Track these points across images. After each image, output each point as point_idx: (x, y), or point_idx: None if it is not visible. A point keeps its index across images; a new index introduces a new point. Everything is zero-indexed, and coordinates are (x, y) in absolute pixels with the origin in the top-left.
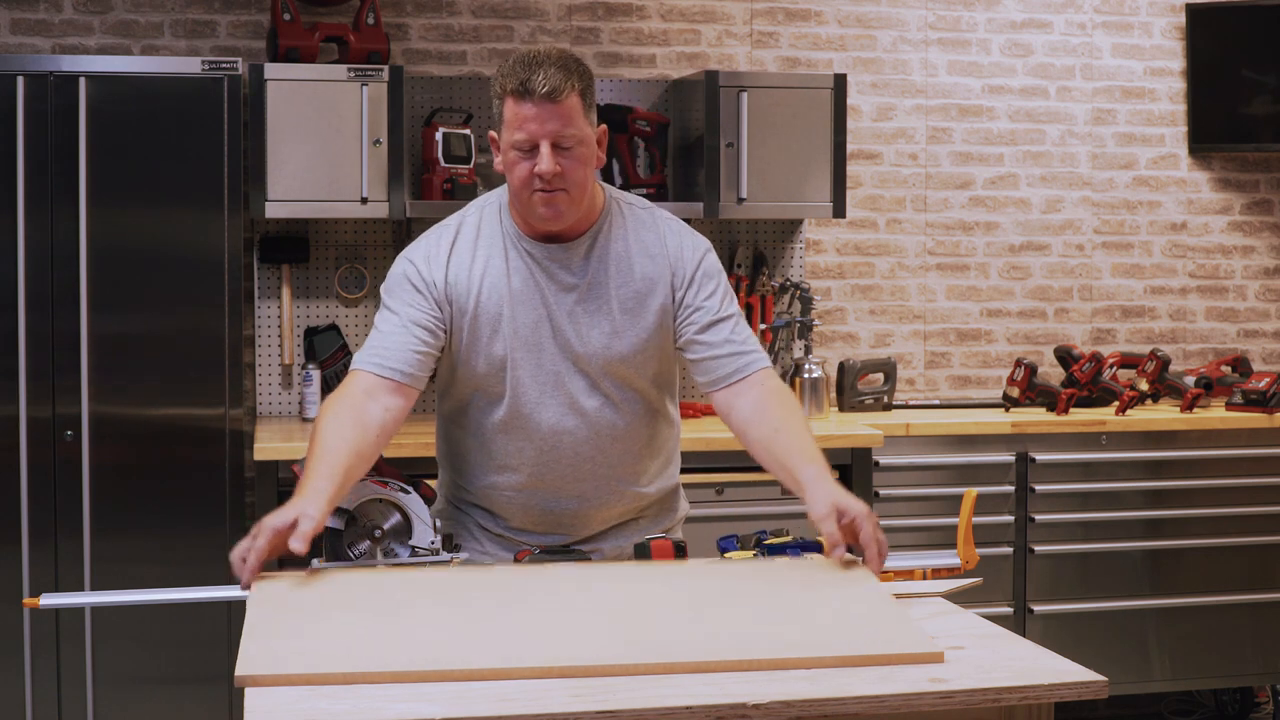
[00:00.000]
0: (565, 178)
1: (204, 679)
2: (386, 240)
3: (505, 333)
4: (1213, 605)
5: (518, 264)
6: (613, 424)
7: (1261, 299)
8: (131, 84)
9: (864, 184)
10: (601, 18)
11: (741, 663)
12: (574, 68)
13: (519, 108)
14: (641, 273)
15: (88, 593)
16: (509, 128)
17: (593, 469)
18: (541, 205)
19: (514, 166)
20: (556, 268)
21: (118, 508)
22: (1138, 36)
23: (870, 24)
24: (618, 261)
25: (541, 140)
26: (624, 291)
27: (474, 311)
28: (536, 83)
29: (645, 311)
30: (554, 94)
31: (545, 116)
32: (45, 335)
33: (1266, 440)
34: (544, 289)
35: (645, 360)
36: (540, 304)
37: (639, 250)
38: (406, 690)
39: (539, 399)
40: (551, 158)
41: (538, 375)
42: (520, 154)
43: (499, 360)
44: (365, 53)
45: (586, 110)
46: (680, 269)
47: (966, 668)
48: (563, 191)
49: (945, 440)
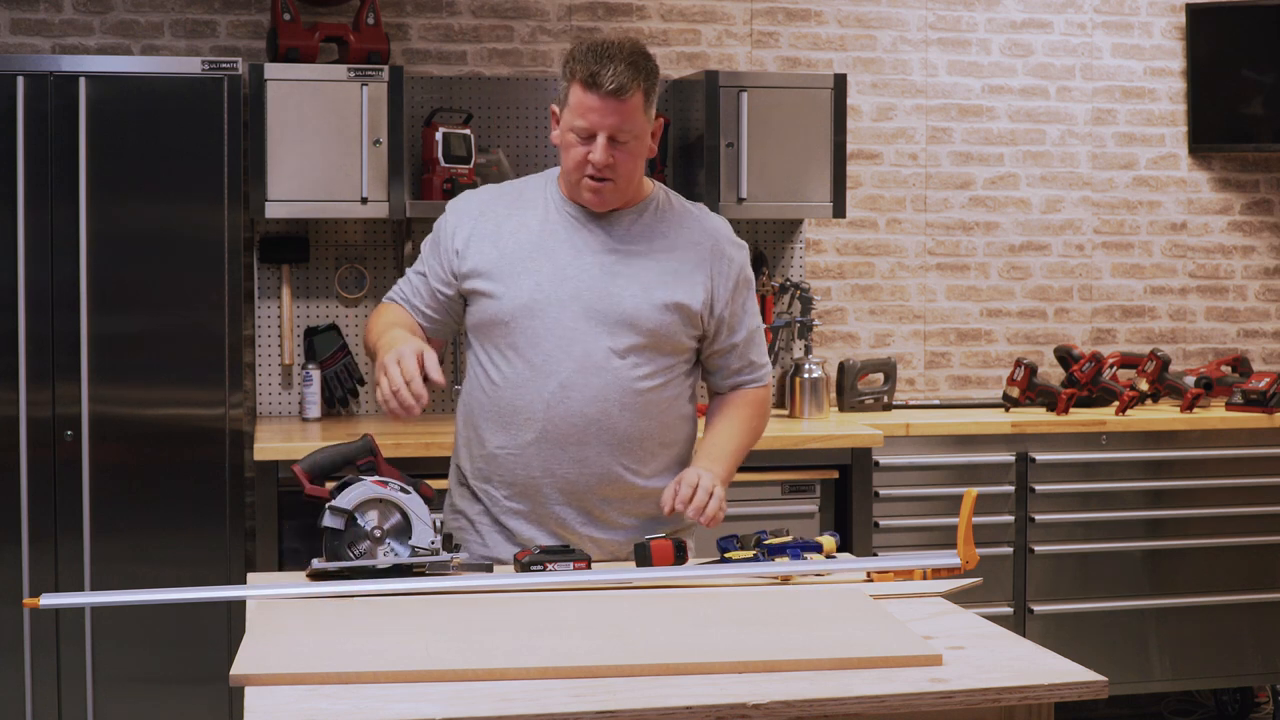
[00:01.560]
0: (615, 169)
1: (204, 679)
2: (386, 240)
3: (527, 285)
4: (1213, 605)
5: (556, 225)
6: (624, 390)
7: (1261, 299)
8: (131, 84)
9: (864, 184)
10: (601, 18)
11: (741, 664)
12: (642, 65)
13: (584, 96)
14: (683, 255)
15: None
16: (572, 112)
17: (599, 433)
18: (589, 192)
19: (570, 149)
20: (600, 232)
21: (118, 508)
22: (1138, 36)
23: (870, 24)
24: (661, 239)
25: (600, 132)
26: (662, 265)
27: (495, 264)
28: (605, 78)
29: (679, 287)
30: (620, 91)
31: (607, 110)
32: (45, 335)
33: (1266, 440)
34: (581, 249)
35: (667, 334)
36: (573, 261)
37: (683, 234)
38: (406, 690)
39: (555, 349)
40: (606, 150)
41: (557, 327)
42: (578, 138)
43: (519, 309)
44: (365, 53)
45: (647, 107)
46: (726, 267)
47: (966, 668)
48: (610, 182)
49: (945, 440)
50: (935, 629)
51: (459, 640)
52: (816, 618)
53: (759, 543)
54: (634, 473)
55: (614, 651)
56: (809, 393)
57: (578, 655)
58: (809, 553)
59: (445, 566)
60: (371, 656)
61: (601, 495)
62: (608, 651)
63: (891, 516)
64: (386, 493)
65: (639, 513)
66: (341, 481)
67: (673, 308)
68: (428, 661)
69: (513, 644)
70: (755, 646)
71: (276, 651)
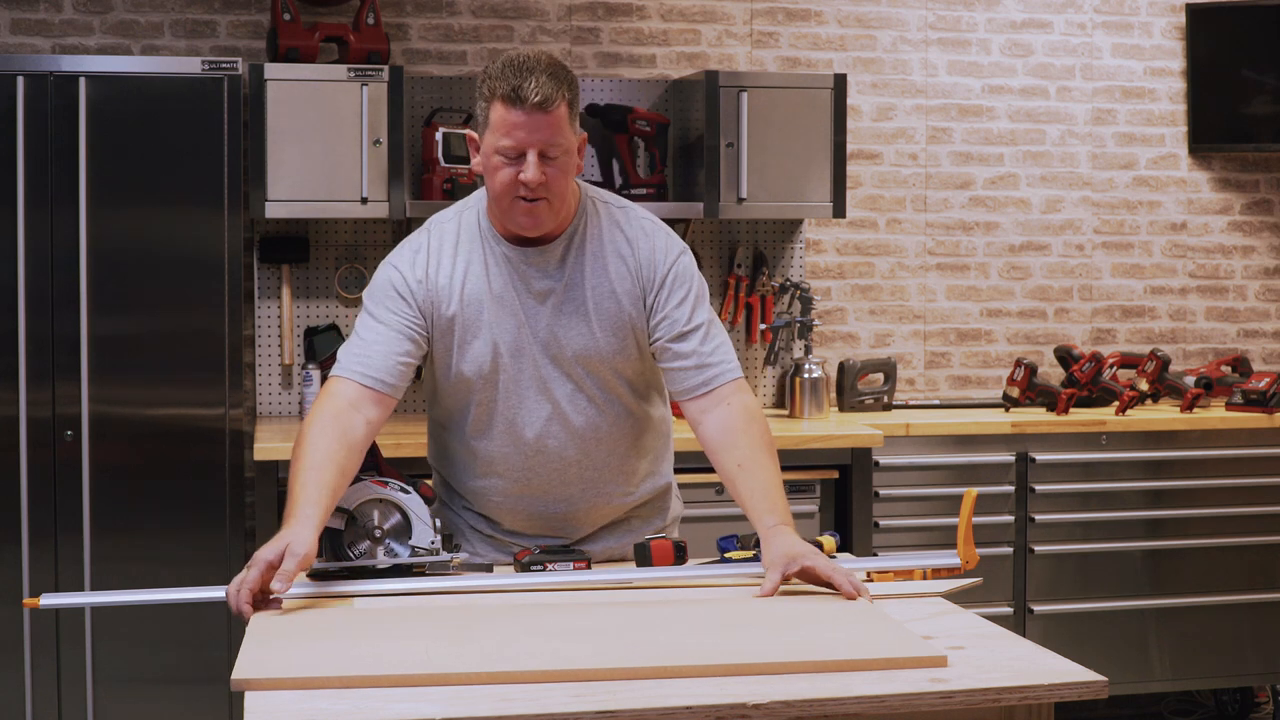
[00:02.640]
0: (548, 187)
1: (204, 679)
2: (386, 240)
3: (486, 339)
4: (1213, 605)
5: (496, 269)
6: (596, 427)
7: (1261, 299)
8: (131, 84)
9: (864, 184)
10: (601, 18)
11: (742, 666)
12: (563, 76)
13: (508, 114)
14: (615, 272)
15: (88, 593)
16: (495, 132)
17: (579, 473)
18: (522, 215)
19: (496, 171)
20: (533, 272)
21: (118, 508)
22: (1138, 36)
23: (870, 24)
24: (592, 262)
25: (530, 149)
26: (599, 292)
27: (456, 317)
28: (529, 90)
29: (620, 312)
30: (545, 103)
31: (535, 125)
32: (45, 335)
33: (1266, 440)
34: (521, 294)
35: (625, 361)
36: (519, 309)
37: (612, 250)
38: (406, 691)
39: (521, 404)
40: (538, 166)
41: (519, 380)
42: (505, 160)
43: (482, 366)
44: (365, 53)
45: (572, 119)
46: (650, 272)
47: (966, 668)
48: (544, 200)
49: (945, 440)
50: (935, 629)
51: (459, 644)
52: (818, 621)
53: (759, 543)
54: (622, 494)
55: (614, 654)
56: (809, 393)
57: (578, 658)
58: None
59: (445, 566)
60: (372, 660)
61: (590, 520)
62: (608, 654)
63: (891, 516)
64: (386, 493)
65: (629, 517)
66: None
67: (623, 334)
68: (428, 665)
69: (513, 647)
70: (758, 649)
71: (276, 656)
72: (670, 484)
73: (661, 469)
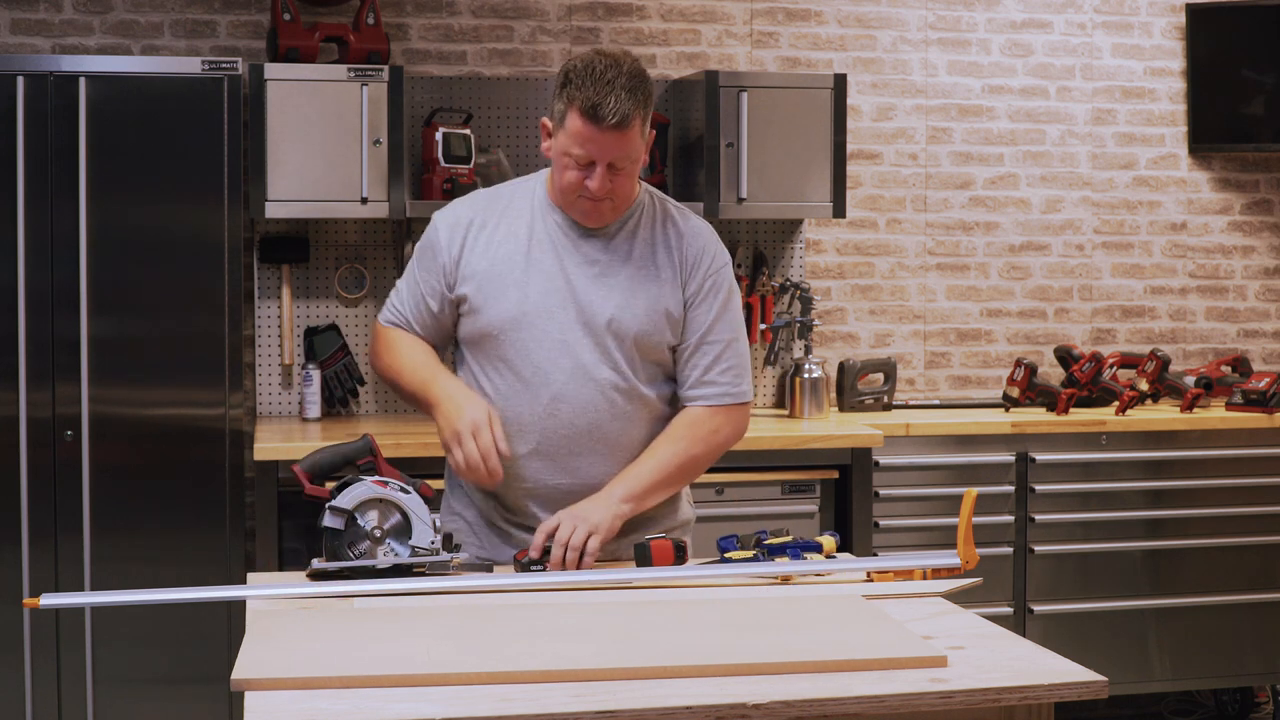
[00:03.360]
0: (612, 192)
1: (204, 679)
2: (386, 240)
3: (517, 294)
4: (1213, 605)
5: (542, 235)
6: (612, 401)
7: (1261, 299)
8: (131, 84)
9: (864, 184)
10: (601, 18)
11: (742, 666)
12: (640, 90)
13: (584, 127)
14: (661, 261)
15: (88, 593)
16: (570, 138)
17: (591, 443)
18: (583, 212)
19: (565, 170)
20: (583, 243)
21: (118, 508)
22: (1138, 36)
23: (870, 24)
24: (641, 247)
25: (600, 163)
26: (641, 275)
27: (487, 271)
28: (607, 110)
29: (659, 297)
30: (622, 124)
31: (608, 143)
32: (45, 336)
33: (1266, 440)
34: (565, 260)
35: (652, 344)
36: (559, 272)
37: (661, 240)
38: (406, 691)
39: (546, 361)
40: (604, 177)
41: (546, 340)
42: (575, 163)
43: (508, 322)
44: (365, 53)
45: (644, 127)
46: (691, 270)
47: (966, 668)
48: (608, 201)
49: (945, 440)
50: (935, 629)
51: (459, 644)
52: (819, 622)
53: (759, 543)
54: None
55: (614, 654)
56: (809, 393)
57: (578, 658)
58: (809, 553)
59: (445, 566)
60: (371, 660)
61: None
62: (608, 654)
63: (891, 516)
64: (386, 493)
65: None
66: (341, 481)
67: (656, 314)
68: (428, 665)
69: (513, 647)
70: (758, 649)
71: (276, 656)
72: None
73: None
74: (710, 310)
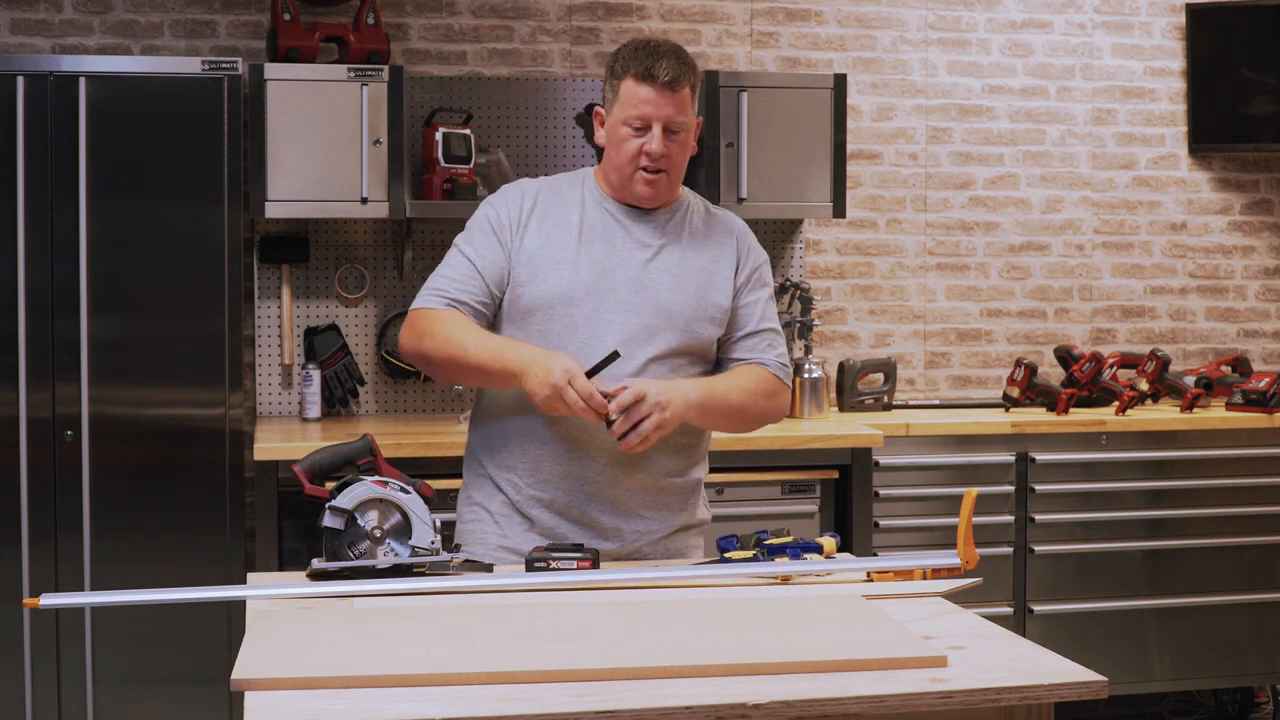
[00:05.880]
0: (669, 160)
1: (204, 679)
2: (386, 240)
3: (566, 273)
4: (1213, 605)
5: (594, 220)
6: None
7: (1261, 299)
8: (131, 84)
9: (864, 184)
10: (601, 18)
11: (742, 666)
12: (690, 62)
13: (639, 88)
14: (713, 253)
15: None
16: (625, 105)
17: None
18: (643, 184)
19: (624, 143)
20: (635, 228)
21: (118, 508)
22: (1138, 36)
23: (870, 24)
24: (691, 236)
25: (656, 123)
26: (692, 264)
27: (538, 249)
28: (660, 70)
29: (708, 285)
30: (674, 83)
31: (663, 102)
32: (45, 336)
33: (1266, 440)
34: (616, 244)
35: (698, 331)
36: (608, 255)
37: (713, 232)
38: (406, 691)
39: (592, 337)
40: (663, 139)
41: (595, 317)
42: (632, 131)
43: (557, 296)
44: (365, 53)
45: (693, 102)
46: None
47: (966, 668)
48: (664, 174)
49: (945, 440)
50: (935, 629)
51: (459, 644)
52: (819, 622)
53: (759, 543)
54: (659, 465)
55: (614, 654)
56: (809, 393)
57: (578, 658)
58: (809, 553)
59: (445, 566)
60: (371, 660)
61: (626, 486)
62: (608, 654)
63: (891, 516)
64: (386, 493)
65: (661, 504)
66: (341, 481)
67: (704, 302)
68: (428, 665)
69: (513, 647)
70: (758, 649)
71: (276, 656)
72: (702, 482)
73: (699, 461)
74: (760, 299)
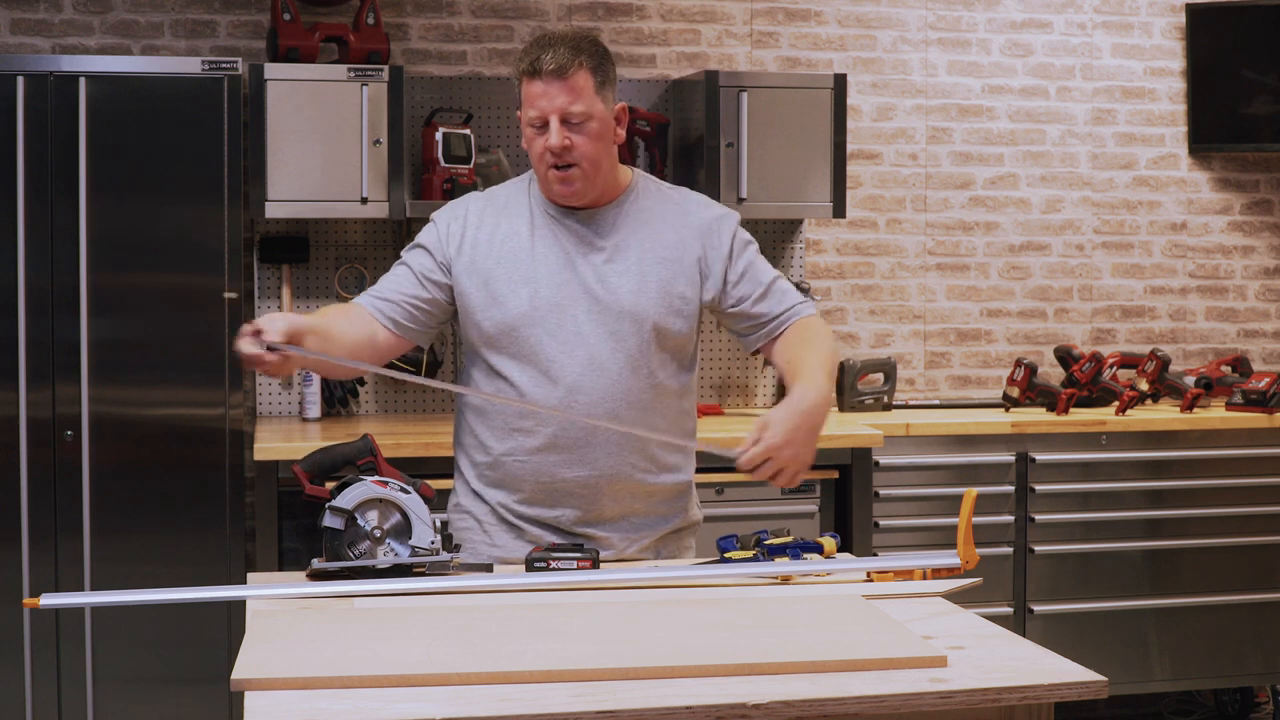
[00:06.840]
0: (576, 152)
1: (204, 679)
2: (386, 240)
3: (525, 290)
4: (1213, 605)
5: (544, 230)
6: (629, 389)
7: (1261, 299)
8: (131, 84)
9: (864, 184)
10: (601, 18)
11: (742, 666)
12: (584, 46)
13: (530, 86)
14: (673, 238)
15: (88, 593)
16: (525, 105)
17: (606, 435)
18: (557, 182)
19: (530, 143)
20: (585, 231)
21: (118, 508)
22: (1138, 36)
23: (870, 24)
24: (644, 229)
25: (550, 116)
26: (650, 257)
27: (493, 270)
28: (545, 61)
29: (672, 278)
30: (561, 71)
31: (554, 92)
32: (45, 335)
33: (1266, 440)
34: (570, 251)
35: (668, 327)
36: (566, 265)
37: (669, 217)
38: (406, 691)
39: (560, 354)
40: (560, 132)
41: (560, 332)
42: (535, 130)
43: (520, 317)
44: (365, 53)
45: (599, 87)
46: (718, 240)
47: (966, 668)
48: (575, 167)
49: (945, 440)
50: (935, 629)
51: (459, 644)
52: (819, 622)
53: (759, 543)
54: (643, 471)
55: (614, 654)
56: None
57: (578, 658)
58: (809, 553)
59: (445, 566)
60: (372, 660)
61: (611, 494)
62: (608, 655)
63: (891, 516)
64: (386, 493)
65: (648, 510)
66: (341, 481)
67: (670, 296)
68: (428, 665)
69: (513, 647)
70: (758, 649)
71: (276, 656)
72: (691, 483)
73: (684, 464)
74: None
